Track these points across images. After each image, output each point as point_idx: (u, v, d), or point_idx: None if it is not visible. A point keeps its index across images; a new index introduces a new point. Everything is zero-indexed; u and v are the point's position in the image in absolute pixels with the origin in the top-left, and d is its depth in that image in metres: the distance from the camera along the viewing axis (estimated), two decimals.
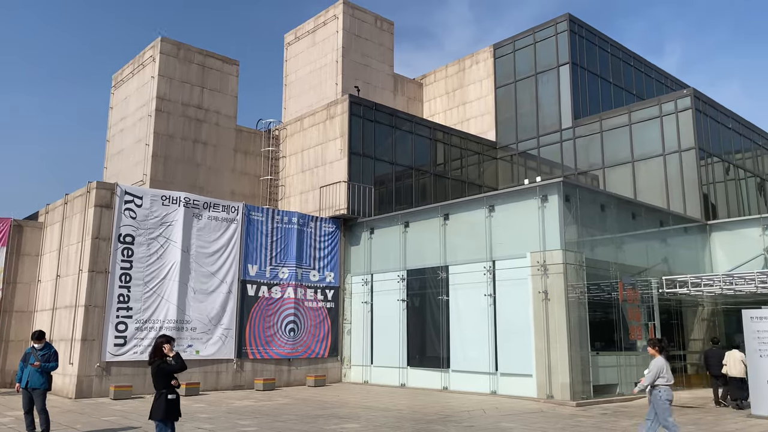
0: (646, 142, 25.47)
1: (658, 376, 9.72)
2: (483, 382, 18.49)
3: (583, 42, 29.20)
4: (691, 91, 24.85)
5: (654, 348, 10.09)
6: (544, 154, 29.10)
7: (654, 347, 10.10)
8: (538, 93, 29.45)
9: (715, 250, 22.95)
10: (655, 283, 19.83)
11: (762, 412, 13.53)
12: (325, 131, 25.28)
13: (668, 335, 20.90)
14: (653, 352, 10.07)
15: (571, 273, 17.36)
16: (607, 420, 13.31)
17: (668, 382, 9.76)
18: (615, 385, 18.16)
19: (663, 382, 9.73)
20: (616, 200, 20.38)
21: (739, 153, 27.32)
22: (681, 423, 12.81)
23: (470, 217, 20.17)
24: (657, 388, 9.75)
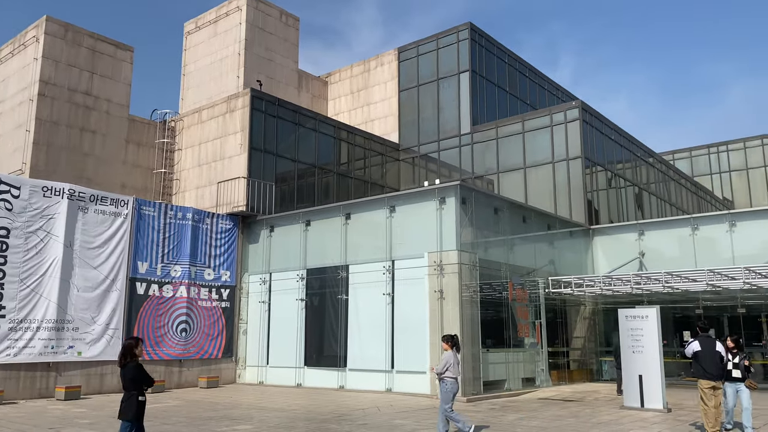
0: (538, 150, 26.82)
1: (446, 369, 10.50)
2: (379, 380, 18.70)
3: (483, 51, 30.31)
4: (579, 104, 26.47)
5: (447, 343, 10.87)
6: (444, 158, 29.90)
7: (447, 342, 10.89)
8: (440, 98, 30.23)
9: (597, 253, 24.57)
10: (542, 283, 20.94)
11: (633, 404, 14.63)
12: (225, 125, 24.57)
13: (553, 333, 22.16)
14: (446, 347, 10.83)
15: (466, 273, 17.96)
16: (495, 414, 13.88)
17: (454, 375, 10.56)
18: (503, 380, 18.97)
19: (450, 375, 10.53)
20: (508, 204, 21.30)
21: (621, 163, 29.42)
22: (561, 416, 13.62)
23: (372, 217, 20.34)
24: (444, 380, 10.56)
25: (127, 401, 7.72)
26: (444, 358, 10.68)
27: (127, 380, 7.74)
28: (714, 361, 10.91)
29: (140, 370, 7.75)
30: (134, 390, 7.70)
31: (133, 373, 7.70)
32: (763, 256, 19.44)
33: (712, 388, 10.85)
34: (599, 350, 24.13)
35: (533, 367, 20.41)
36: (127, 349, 7.79)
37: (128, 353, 7.76)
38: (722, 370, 10.97)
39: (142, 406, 7.75)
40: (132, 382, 7.69)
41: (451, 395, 10.52)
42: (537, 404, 15.92)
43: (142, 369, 7.80)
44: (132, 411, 7.65)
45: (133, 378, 7.69)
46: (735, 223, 21.42)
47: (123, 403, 7.76)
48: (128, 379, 7.71)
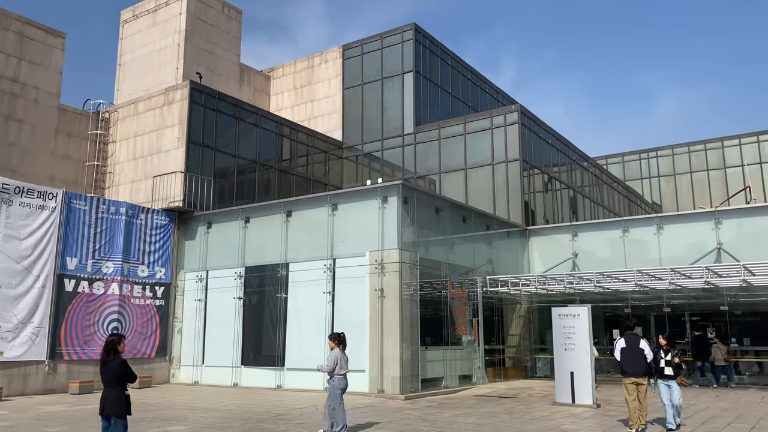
0: (478, 152, 27.30)
1: (335, 366, 10.65)
2: (317, 379, 18.57)
3: (427, 53, 30.60)
4: (518, 107, 27.11)
5: (333, 341, 10.99)
6: (387, 157, 30.01)
7: (333, 341, 11.01)
8: (384, 97, 30.32)
9: (533, 253, 25.24)
10: (480, 282, 21.33)
11: (565, 399, 15.08)
12: (162, 117, 23.83)
13: (490, 331, 22.60)
14: (333, 345, 10.95)
15: (406, 272, 18.08)
16: (431, 412, 14.03)
17: (343, 372, 10.73)
18: (441, 378, 19.21)
19: (338, 371, 10.70)
20: (449, 204, 21.58)
21: (557, 166, 30.32)
22: (496, 412, 13.90)
23: (313, 214, 20.19)
24: (332, 377, 10.72)
25: (114, 397, 7.84)
26: (332, 355, 10.73)
27: (110, 376, 7.85)
28: (637, 358, 11.37)
29: (126, 367, 7.88)
30: (118, 386, 7.85)
31: (118, 369, 7.83)
32: (688, 258, 20.44)
33: (635, 384, 11.31)
34: (534, 348, 24.80)
35: (470, 364, 20.76)
36: (110, 345, 7.93)
37: (111, 349, 7.90)
38: (645, 367, 11.41)
39: (128, 401, 7.93)
40: (116, 377, 7.83)
41: (339, 392, 10.65)
42: (473, 401, 16.20)
43: (127, 365, 7.93)
44: (122, 406, 7.82)
45: (117, 374, 7.82)
46: (662, 226, 22.43)
47: (106, 399, 7.87)
48: (112, 375, 7.83)
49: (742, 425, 11.90)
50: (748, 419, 12.71)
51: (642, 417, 11.17)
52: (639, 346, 11.43)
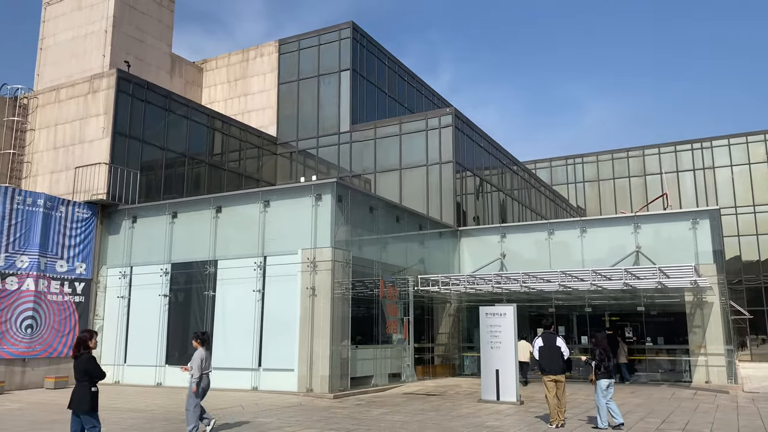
0: (413, 153, 27.57)
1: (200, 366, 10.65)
2: (245, 378, 18.25)
3: (364, 52, 30.62)
4: (453, 111, 27.56)
5: (197, 341, 10.99)
6: (322, 155, 29.83)
7: (197, 340, 11.01)
8: (320, 94, 30.13)
9: (463, 254, 25.72)
10: (411, 281, 21.55)
11: (490, 397, 15.43)
12: (87, 106, 22.77)
13: (420, 329, 22.87)
14: (196, 344, 10.93)
15: (339, 270, 18.02)
16: (360, 410, 14.05)
17: (206, 371, 10.76)
18: (371, 376, 19.27)
19: (204, 370, 10.71)
20: (383, 204, 21.68)
21: (488, 170, 31.02)
22: (424, 410, 14.07)
23: (244, 211, 19.81)
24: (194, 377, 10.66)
25: (81, 393, 8.01)
26: (197, 355, 10.63)
27: (80, 371, 8.03)
28: (554, 356, 11.78)
29: (94, 362, 8.11)
30: (86, 381, 8.02)
31: (87, 364, 8.02)
32: (609, 260, 21.36)
33: (554, 381, 11.72)
34: (462, 346, 25.27)
35: (400, 362, 20.93)
36: (81, 341, 8.14)
37: (82, 345, 8.11)
38: (563, 364, 11.82)
39: (96, 397, 8.10)
40: (85, 373, 8.01)
41: (201, 391, 10.59)
42: (402, 399, 16.34)
43: (95, 361, 8.15)
44: (87, 402, 7.98)
45: (86, 369, 8.01)
46: (586, 230, 23.34)
47: (74, 395, 8.06)
48: (81, 370, 8.01)
49: (654, 420, 12.54)
50: (660, 414, 13.41)
51: (561, 413, 11.57)
52: (556, 344, 11.85)
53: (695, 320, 20.77)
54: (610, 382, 11.43)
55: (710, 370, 20.26)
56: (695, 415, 13.30)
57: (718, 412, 13.66)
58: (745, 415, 13.30)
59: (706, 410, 14.07)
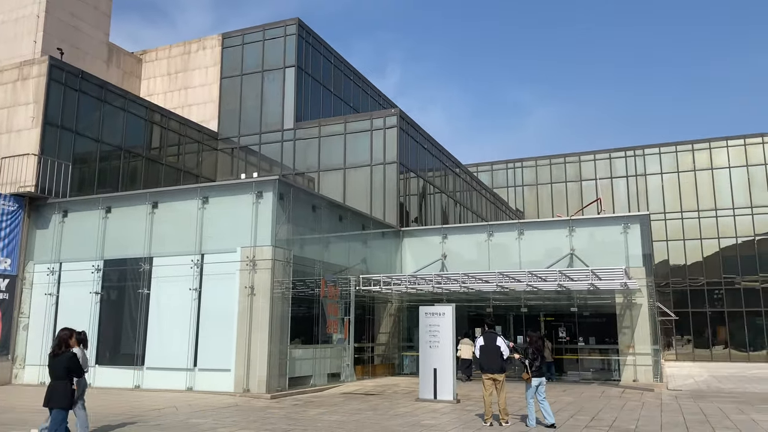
0: (358, 152, 27.57)
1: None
2: (179, 378, 17.78)
3: (310, 49, 30.40)
4: (398, 111, 27.72)
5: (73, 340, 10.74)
6: (265, 152, 29.43)
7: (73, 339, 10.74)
8: (264, 90, 29.71)
9: (405, 254, 25.90)
10: (353, 281, 21.53)
11: (428, 395, 15.60)
12: (15, 94, 21.66)
13: (360, 329, 22.89)
14: (73, 344, 10.67)
15: (279, 269, 17.81)
16: (297, 410, 13.93)
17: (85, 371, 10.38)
18: (309, 376, 19.14)
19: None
20: (327, 203, 21.58)
21: (432, 171, 31.36)
22: (361, 409, 14.08)
23: (182, 207, 19.30)
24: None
25: (61, 390, 8.14)
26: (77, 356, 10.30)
27: (60, 369, 8.17)
28: (493, 355, 12.01)
29: (76, 360, 8.28)
30: (66, 379, 8.18)
31: (69, 362, 8.21)
32: (545, 262, 21.96)
33: (492, 380, 11.95)
34: (402, 345, 25.44)
35: (339, 362, 20.87)
36: (63, 339, 8.32)
37: (63, 343, 8.29)
38: (502, 363, 12.07)
39: (73, 394, 8.32)
40: (67, 371, 8.19)
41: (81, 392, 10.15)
42: (340, 399, 16.30)
43: (77, 359, 8.33)
44: (68, 399, 8.15)
45: (68, 367, 8.19)
46: (523, 232, 23.92)
47: (53, 392, 8.17)
48: (63, 368, 8.17)
49: (584, 417, 12.97)
50: (589, 412, 13.89)
51: (502, 411, 11.79)
52: (496, 344, 12.08)
53: (624, 321, 21.61)
54: (540, 380, 11.69)
55: (638, 369, 21.12)
56: (622, 412, 13.83)
57: (644, 410, 14.26)
58: (668, 411, 13.93)
59: (632, 407, 14.67)
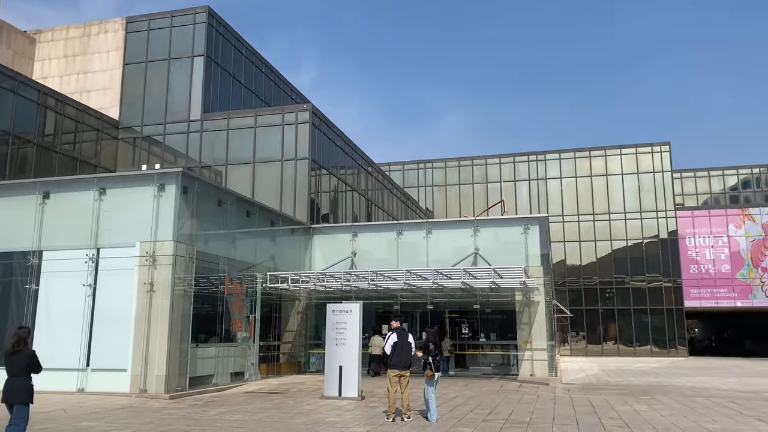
0: (268, 147, 27.10)
1: None
2: (70, 379, 16.73)
3: (221, 39, 29.54)
4: (310, 107, 27.49)
5: None
6: (169, 143, 28.30)
7: None
8: (170, 79, 28.55)
9: (315, 251, 25.75)
10: (260, 278, 21.13)
11: (333, 393, 15.57)
12: None
13: (267, 327, 22.52)
14: None
15: (181, 265, 17.18)
16: (196, 410, 13.49)
17: None
18: (211, 375, 18.60)
19: None
20: (234, 197, 21.03)
21: (344, 169, 31.37)
22: (264, 408, 13.85)
23: (77, 198, 18.19)
24: None
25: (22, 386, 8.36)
26: None
27: (20, 365, 8.40)
28: (406, 352, 12.18)
29: (35, 357, 8.53)
30: (26, 375, 8.43)
31: (29, 359, 8.46)
32: (451, 261, 22.53)
33: (398, 376, 12.11)
34: (309, 343, 25.28)
35: (243, 361, 20.43)
36: (22, 337, 8.56)
37: (22, 341, 8.53)
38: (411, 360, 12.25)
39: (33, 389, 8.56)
40: (27, 367, 8.43)
41: None
42: (242, 398, 15.96)
43: (36, 356, 8.55)
44: (30, 394, 8.43)
45: (29, 364, 8.44)
46: (431, 231, 24.43)
47: (12, 388, 8.35)
48: (24, 365, 8.41)
49: (483, 411, 13.42)
50: (488, 405, 14.38)
51: (406, 407, 11.95)
52: (408, 341, 12.26)
53: (523, 318, 22.58)
54: (438, 375, 11.97)
55: (535, 364, 22.12)
56: (518, 405, 14.44)
57: (538, 403, 14.95)
58: (561, 404, 14.69)
59: (528, 401, 15.34)
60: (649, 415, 12.66)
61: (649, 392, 17.52)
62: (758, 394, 17.07)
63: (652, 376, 23.83)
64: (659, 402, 15.09)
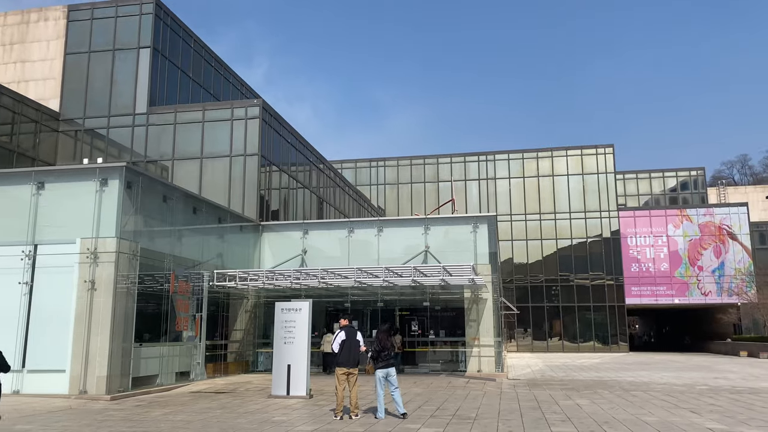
0: (217, 142, 26.59)
1: None
2: (4, 381, 15.95)
3: (168, 31, 28.80)
4: (261, 102, 27.12)
5: None
6: (114, 136, 27.42)
7: None
8: (114, 71, 27.67)
9: (264, 249, 25.42)
10: (207, 276, 20.73)
11: (281, 392, 15.41)
12: None
13: (214, 326, 22.12)
14: None
15: (124, 263, 16.68)
16: (139, 411, 13.13)
17: None
18: (156, 375, 18.14)
19: None
20: (180, 193, 20.55)
21: (295, 165, 31.08)
22: (210, 408, 13.59)
23: (12, 192, 17.46)
24: None
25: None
26: None
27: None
28: (353, 350, 12.15)
29: (2, 357, 8.79)
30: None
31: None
32: (403, 259, 22.63)
33: (346, 374, 12.08)
34: (258, 342, 24.95)
35: (189, 360, 20.00)
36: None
37: None
38: (359, 358, 12.23)
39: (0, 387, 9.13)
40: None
41: None
42: (188, 398, 15.62)
43: (3, 356, 8.81)
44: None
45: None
46: (383, 229, 24.49)
47: None
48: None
49: (430, 407, 13.53)
50: (436, 402, 14.52)
51: (353, 405, 11.92)
52: (356, 339, 12.23)
53: (471, 315, 22.90)
54: (386, 372, 11.87)
55: (482, 360, 22.48)
56: (465, 401, 14.63)
57: (485, 398, 15.20)
58: (507, 399, 14.97)
59: (475, 396, 15.57)
60: (590, 409, 13.04)
61: (592, 387, 18.05)
62: (692, 388, 17.83)
63: (594, 371, 24.57)
64: (600, 396, 15.57)
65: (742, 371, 24.58)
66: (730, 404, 13.89)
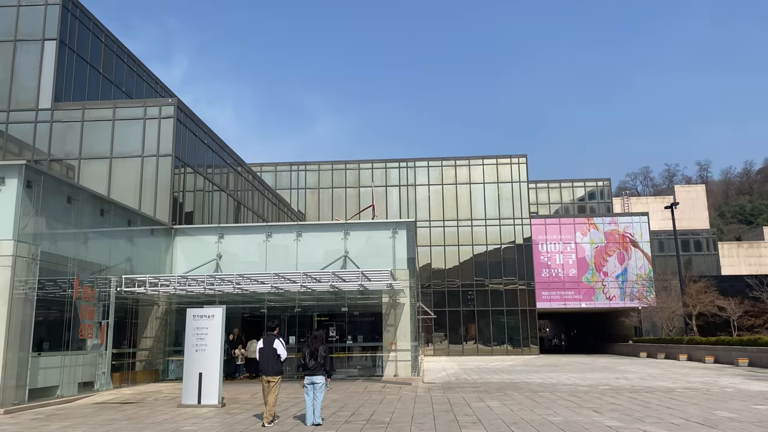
0: (128, 141, 25.46)
1: None
2: None
3: (77, 23, 27.34)
4: (176, 101, 26.23)
5: None
6: (14, 132, 25.67)
7: None
8: (15, 62, 25.94)
9: (177, 253, 24.55)
10: (114, 281, 19.78)
11: (191, 401, 14.90)
12: None
13: (121, 333, 21.11)
14: None
15: (22, 267, 15.64)
16: (35, 425, 12.30)
17: None
18: (56, 387, 17.09)
19: None
20: (86, 194, 19.51)
21: (211, 167, 30.25)
22: (115, 419, 12.95)
23: None
24: None
25: None
26: None
27: None
28: (270, 357, 11.95)
29: None
30: None
31: None
32: (322, 264, 22.51)
33: (267, 381, 11.89)
34: (169, 350, 24.03)
35: (94, 370, 18.98)
36: None
37: None
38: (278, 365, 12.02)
39: None
40: None
41: None
42: (90, 409, 14.81)
43: None
44: None
45: None
46: (302, 234, 24.26)
47: None
48: None
49: (345, 413, 13.52)
50: (351, 407, 14.52)
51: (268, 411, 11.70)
52: (273, 346, 12.02)
53: (389, 320, 23.09)
54: (311, 379, 11.66)
55: (399, 364, 22.69)
56: (380, 406, 14.72)
57: (400, 402, 15.35)
58: (421, 403, 15.18)
59: (390, 401, 15.69)
60: (500, 411, 13.46)
61: (503, 389, 18.63)
62: (595, 388, 18.77)
63: (506, 374, 25.38)
64: (510, 398, 16.10)
65: (641, 371, 26.14)
66: (629, 403, 14.73)
